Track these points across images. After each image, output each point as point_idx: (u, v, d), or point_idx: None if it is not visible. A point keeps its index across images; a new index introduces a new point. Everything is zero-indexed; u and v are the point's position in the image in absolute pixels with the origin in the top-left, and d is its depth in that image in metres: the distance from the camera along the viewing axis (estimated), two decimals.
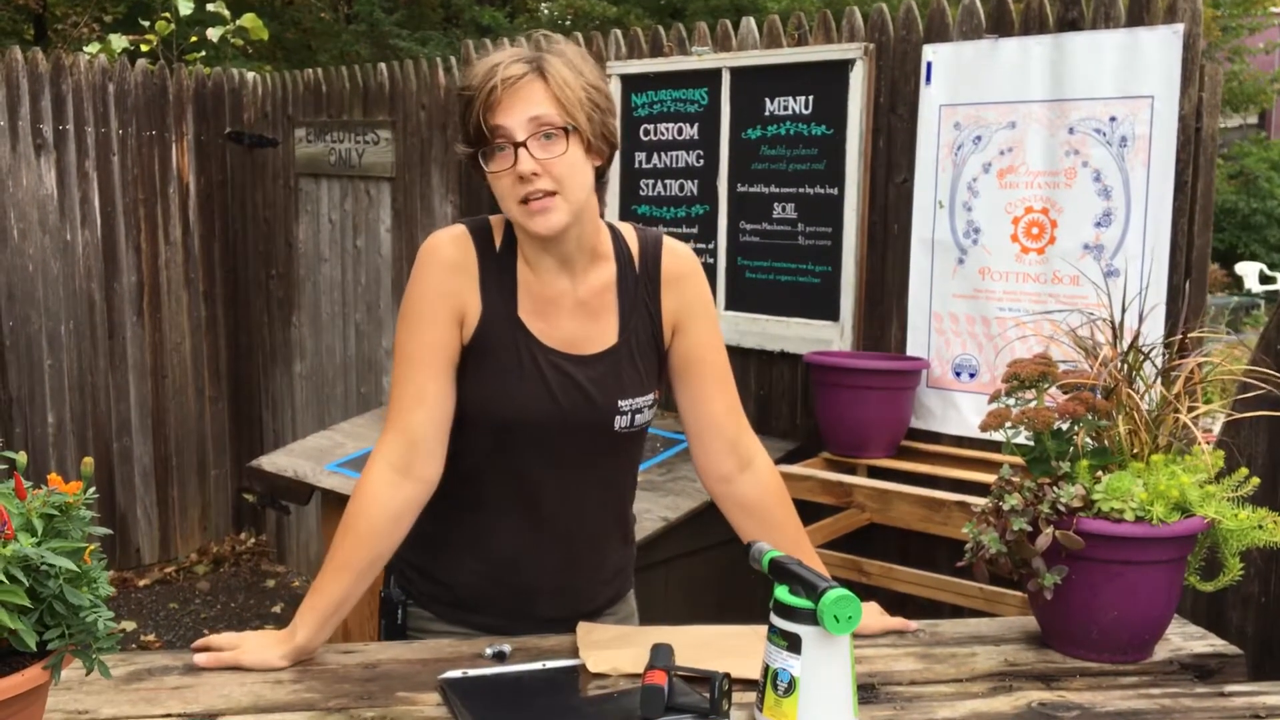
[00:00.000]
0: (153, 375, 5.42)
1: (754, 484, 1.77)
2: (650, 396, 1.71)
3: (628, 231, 1.74)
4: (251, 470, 3.93)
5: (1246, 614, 2.60)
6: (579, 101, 1.57)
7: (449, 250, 1.64)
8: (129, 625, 4.85)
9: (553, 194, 1.56)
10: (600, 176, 1.67)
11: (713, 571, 3.12)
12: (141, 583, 5.33)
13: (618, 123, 1.66)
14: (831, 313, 3.45)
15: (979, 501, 1.68)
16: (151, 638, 4.78)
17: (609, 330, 1.69)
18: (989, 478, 2.87)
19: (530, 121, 1.54)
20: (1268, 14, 17.22)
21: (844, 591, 1.28)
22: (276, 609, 5.10)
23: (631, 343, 1.69)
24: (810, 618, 1.28)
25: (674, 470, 3.11)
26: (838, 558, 2.87)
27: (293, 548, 5.65)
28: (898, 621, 1.73)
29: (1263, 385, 2.00)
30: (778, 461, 3.17)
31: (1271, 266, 17.10)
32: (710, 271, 3.73)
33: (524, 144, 1.54)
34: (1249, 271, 16.71)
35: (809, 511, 3.06)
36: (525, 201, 1.56)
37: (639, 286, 1.71)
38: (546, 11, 13.78)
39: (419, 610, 1.78)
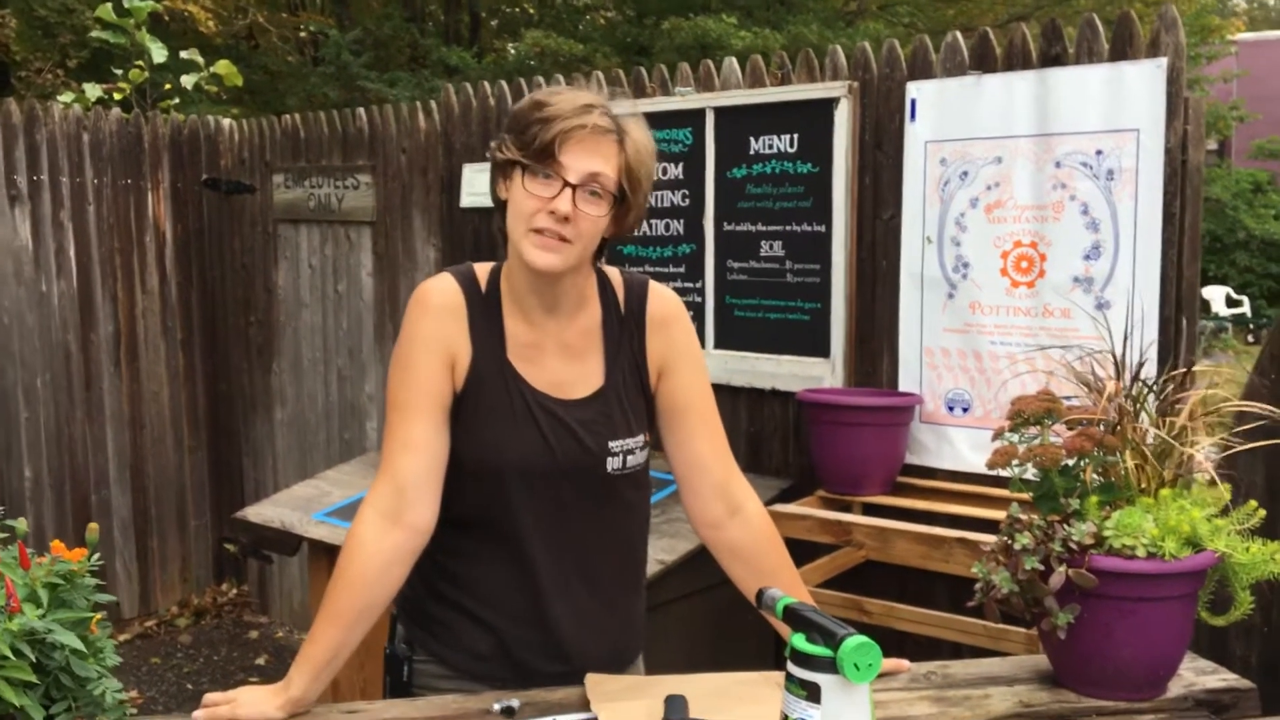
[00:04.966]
0: (131, 426, 5.35)
1: (744, 530, 1.75)
2: (640, 438, 1.71)
3: (614, 276, 1.75)
4: (237, 522, 3.87)
5: (1250, 645, 2.59)
6: (639, 181, 1.63)
7: (438, 295, 1.65)
8: None
9: (567, 241, 1.58)
10: (603, 248, 1.70)
11: (710, 614, 3.08)
12: (122, 637, 5.23)
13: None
14: (822, 349, 3.44)
15: (978, 537, 1.67)
16: (134, 694, 4.68)
17: (595, 373, 1.69)
18: (986, 513, 2.87)
19: (590, 174, 1.57)
20: (1225, 43, 17.55)
21: (863, 639, 1.26)
22: (260, 660, 5.01)
23: (618, 385, 1.69)
24: (829, 666, 1.26)
25: (669, 512, 3.08)
26: (838, 597, 2.85)
27: (275, 598, 5.57)
28: (890, 663, 1.70)
29: (1264, 409, 2.00)
30: (772, 500, 3.15)
31: (1239, 289, 17.31)
32: (699, 310, 3.72)
33: (575, 188, 1.56)
34: (1216, 295, 16.92)
35: (806, 550, 3.04)
36: (538, 231, 1.57)
37: (624, 330, 1.71)
38: (514, 51, 13.86)
39: (425, 666, 1.75)
